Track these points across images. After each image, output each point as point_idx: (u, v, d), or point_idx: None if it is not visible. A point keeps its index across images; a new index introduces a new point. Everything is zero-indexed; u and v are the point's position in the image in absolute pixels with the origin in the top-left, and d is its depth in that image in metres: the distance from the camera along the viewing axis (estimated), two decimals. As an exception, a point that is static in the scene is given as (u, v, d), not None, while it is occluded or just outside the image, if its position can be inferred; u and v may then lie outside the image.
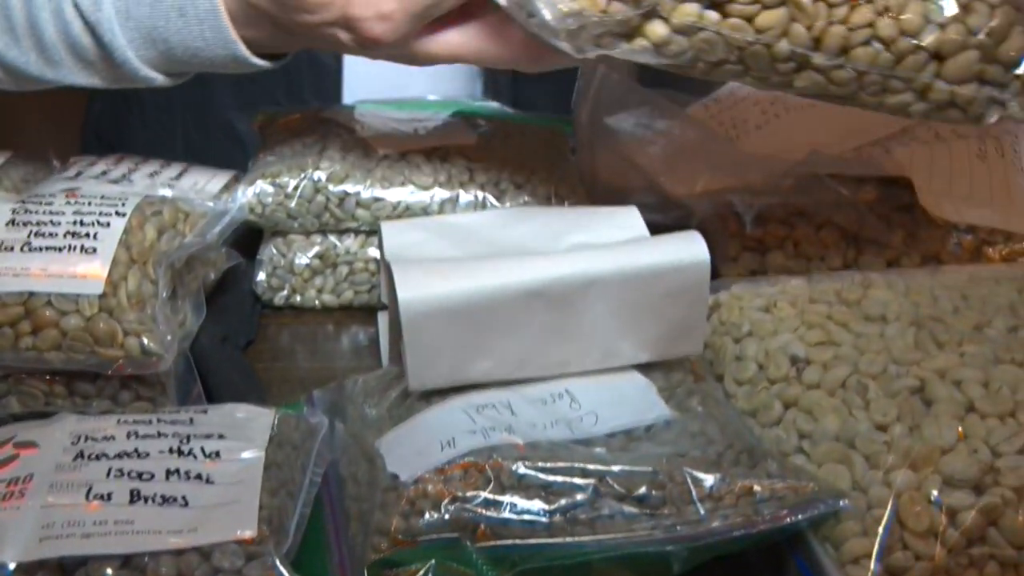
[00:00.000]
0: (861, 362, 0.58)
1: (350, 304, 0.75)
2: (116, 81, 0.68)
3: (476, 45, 0.61)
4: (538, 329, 0.56)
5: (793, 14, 0.54)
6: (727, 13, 0.54)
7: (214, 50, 0.64)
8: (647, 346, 0.58)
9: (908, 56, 0.55)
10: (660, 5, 0.54)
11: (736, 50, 0.55)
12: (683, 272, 0.56)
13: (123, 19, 0.64)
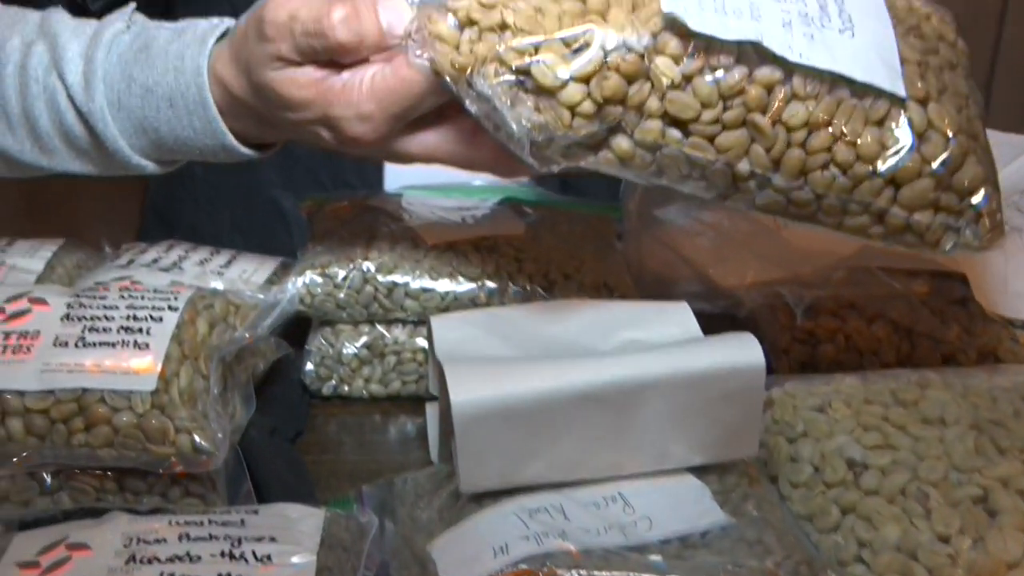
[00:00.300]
0: (921, 468, 0.57)
1: (398, 394, 0.75)
2: (109, 169, 0.70)
3: (451, 148, 0.62)
4: (591, 432, 0.56)
5: (753, 136, 0.55)
6: (689, 132, 0.55)
7: (203, 140, 0.66)
8: (701, 449, 0.57)
9: (865, 182, 0.56)
10: (624, 121, 0.55)
11: (699, 167, 0.56)
12: (738, 375, 0.56)
13: (115, 109, 0.66)
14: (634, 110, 0.55)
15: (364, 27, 0.59)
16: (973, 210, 0.57)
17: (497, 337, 0.64)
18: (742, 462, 0.60)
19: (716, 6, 0.55)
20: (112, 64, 0.66)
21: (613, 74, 0.54)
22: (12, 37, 0.68)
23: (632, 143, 0.56)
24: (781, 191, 0.57)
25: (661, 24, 0.54)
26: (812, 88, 0.55)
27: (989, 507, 0.54)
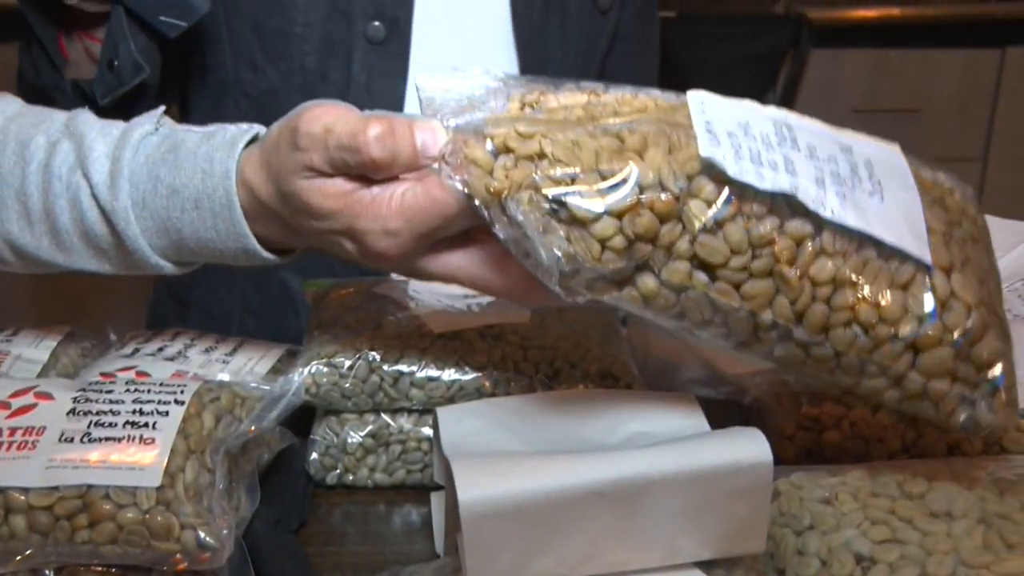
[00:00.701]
0: (929, 563, 0.57)
1: (403, 483, 0.75)
2: (125, 268, 0.70)
3: (476, 271, 0.62)
4: (600, 527, 0.55)
5: (779, 287, 0.56)
6: (716, 277, 0.56)
7: (226, 242, 0.66)
8: (708, 544, 0.57)
9: (885, 344, 0.56)
10: (653, 260, 0.55)
11: (722, 313, 0.56)
12: (745, 472, 0.55)
13: (139, 208, 0.66)
14: (664, 250, 0.55)
15: (399, 146, 0.59)
16: (990, 385, 0.56)
17: (503, 429, 0.64)
18: (749, 557, 0.60)
19: (752, 156, 0.55)
20: (139, 164, 0.67)
21: (647, 212, 0.54)
22: (37, 136, 0.69)
23: (658, 282, 0.56)
24: (802, 345, 0.57)
25: (698, 168, 0.55)
26: (840, 245, 0.56)
27: (999, 604, 0.54)
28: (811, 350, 0.57)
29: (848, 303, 0.55)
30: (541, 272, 0.55)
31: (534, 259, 0.55)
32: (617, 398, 0.67)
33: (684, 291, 0.56)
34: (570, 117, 0.59)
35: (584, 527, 0.55)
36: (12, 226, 0.69)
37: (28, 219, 0.68)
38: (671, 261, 0.55)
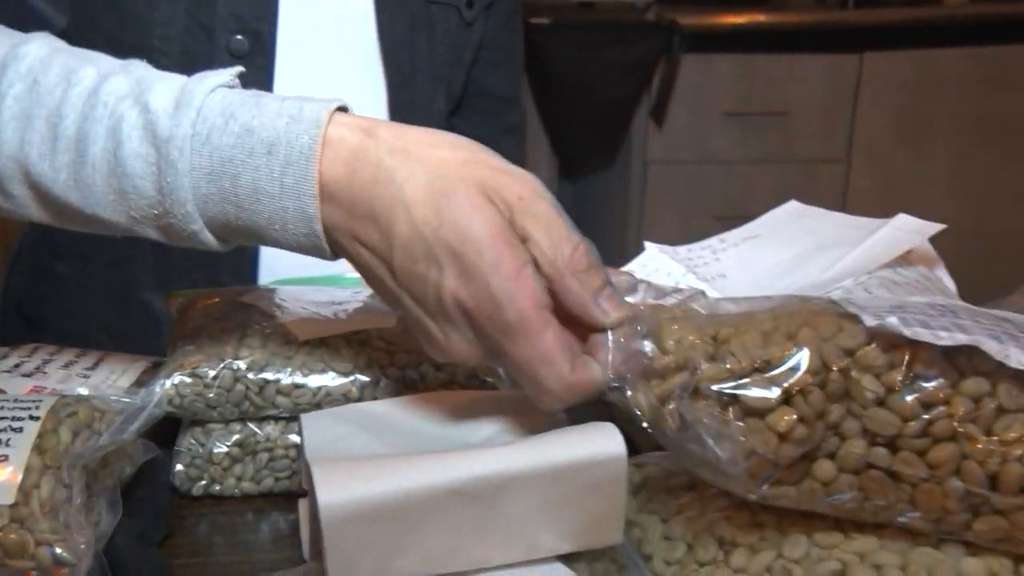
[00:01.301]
0: (785, 545, 0.59)
1: (271, 491, 0.74)
2: (144, 217, 0.62)
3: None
4: (460, 526, 0.56)
5: (964, 449, 0.54)
6: (896, 448, 0.55)
7: (282, 201, 0.59)
8: (568, 538, 0.58)
9: None
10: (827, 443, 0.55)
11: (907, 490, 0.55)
12: (600, 466, 0.57)
13: (200, 142, 0.59)
14: (835, 430, 0.55)
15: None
16: None
17: (368, 433, 0.64)
18: (611, 548, 0.61)
19: (920, 322, 0.55)
20: (214, 100, 0.60)
21: (817, 392, 0.54)
22: (87, 65, 0.62)
23: (836, 467, 0.56)
24: (1002, 513, 0.55)
25: (862, 340, 0.55)
26: (1021, 400, 0.54)
27: (847, 582, 0.56)
28: (1014, 517, 0.54)
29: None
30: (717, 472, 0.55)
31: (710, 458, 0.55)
32: (480, 399, 0.67)
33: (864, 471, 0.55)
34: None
35: (444, 526, 0.55)
36: (33, 150, 0.61)
37: (54, 143, 0.61)
38: (846, 441, 0.55)
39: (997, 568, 0.56)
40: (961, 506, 0.54)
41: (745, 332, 0.57)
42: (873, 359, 0.55)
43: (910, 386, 0.54)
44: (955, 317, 0.56)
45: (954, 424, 0.54)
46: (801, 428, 0.54)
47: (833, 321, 0.57)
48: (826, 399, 0.54)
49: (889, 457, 0.54)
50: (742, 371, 0.55)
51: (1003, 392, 0.54)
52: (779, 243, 0.91)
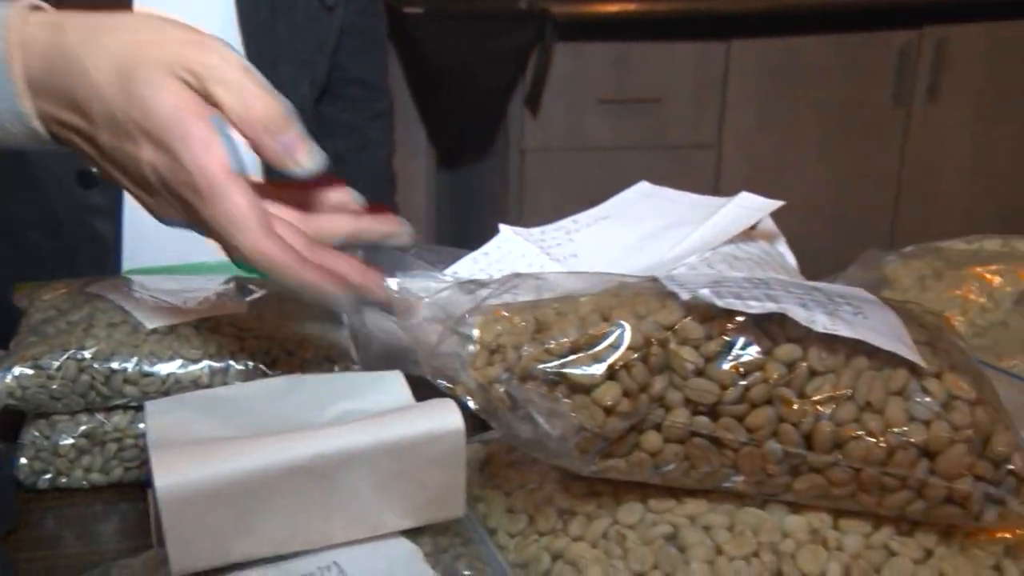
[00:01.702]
0: (620, 512, 0.61)
1: (120, 481, 0.73)
2: None
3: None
4: (300, 505, 0.56)
5: (780, 412, 0.56)
6: (717, 415, 0.57)
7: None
8: (410, 514, 0.59)
9: (898, 451, 0.55)
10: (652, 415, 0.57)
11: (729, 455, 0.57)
12: (439, 441, 0.58)
13: None
14: (660, 402, 0.57)
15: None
16: (1013, 477, 0.56)
17: (213, 418, 0.64)
18: (456, 522, 0.62)
19: (734, 294, 0.57)
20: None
21: (640, 366, 0.56)
22: None
23: (661, 437, 0.57)
24: (818, 470, 0.57)
25: (680, 314, 0.57)
26: (830, 363, 0.57)
27: (679, 543, 0.58)
28: (829, 474, 0.57)
29: (852, 415, 0.56)
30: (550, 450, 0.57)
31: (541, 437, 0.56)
32: (327, 380, 0.68)
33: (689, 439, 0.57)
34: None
35: (285, 505, 0.56)
36: None
37: None
38: (670, 412, 0.57)
39: (818, 524, 0.58)
40: (781, 467, 0.57)
41: (568, 314, 0.59)
42: (690, 332, 0.57)
43: (726, 355, 0.57)
44: (767, 288, 0.59)
45: (769, 389, 0.56)
46: (626, 401, 0.56)
47: (653, 298, 0.59)
48: (649, 372, 0.57)
49: (711, 424, 0.57)
50: (566, 350, 0.57)
51: (813, 356, 0.57)
52: (629, 223, 0.93)
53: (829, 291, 0.61)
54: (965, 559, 0.58)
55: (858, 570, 0.56)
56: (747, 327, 0.57)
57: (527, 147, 2.62)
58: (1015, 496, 0.56)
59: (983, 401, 0.57)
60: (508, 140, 2.62)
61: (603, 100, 2.60)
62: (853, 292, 0.63)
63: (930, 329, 0.62)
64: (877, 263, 0.96)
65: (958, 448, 0.55)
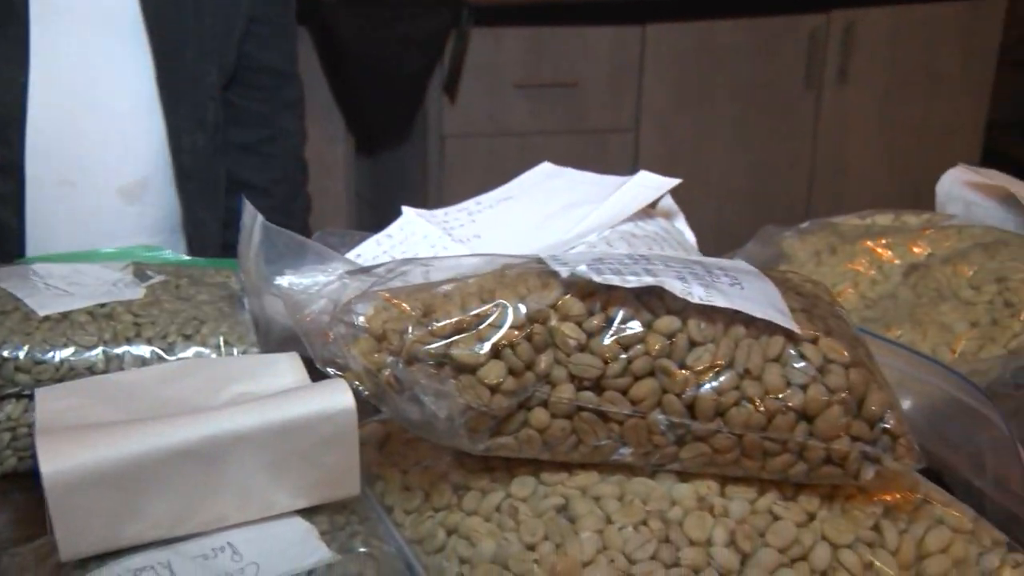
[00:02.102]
0: (513, 485, 0.62)
1: (15, 471, 0.72)
2: None
3: None
4: (191, 488, 0.56)
5: (663, 383, 0.57)
6: (602, 389, 0.58)
7: None
8: (303, 493, 0.59)
9: (778, 416, 0.57)
10: (539, 392, 0.58)
11: (616, 428, 0.58)
12: (330, 421, 0.58)
13: None
14: (545, 379, 0.57)
15: None
16: (887, 435, 0.58)
17: (105, 404, 0.63)
18: (353, 501, 0.62)
19: (613, 270, 0.58)
20: None
21: (524, 344, 0.57)
22: None
23: (548, 413, 0.58)
24: (701, 438, 0.58)
25: (561, 291, 0.58)
26: (709, 332, 0.58)
27: (570, 514, 0.59)
28: (713, 442, 0.58)
29: (732, 383, 0.57)
30: (440, 431, 0.57)
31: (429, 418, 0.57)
32: (222, 364, 0.68)
33: (576, 414, 0.58)
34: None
35: (174, 488, 0.56)
36: None
37: None
38: (555, 388, 0.58)
39: (705, 491, 0.60)
40: (666, 437, 0.58)
41: (453, 296, 0.59)
42: (571, 308, 0.58)
43: (608, 330, 0.58)
44: (647, 264, 0.60)
45: (651, 361, 0.57)
46: (511, 380, 0.57)
47: (536, 278, 0.60)
48: (533, 350, 0.58)
49: (596, 398, 0.58)
50: (450, 332, 0.58)
51: (692, 327, 0.58)
52: (532, 203, 0.94)
53: (709, 264, 0.63)
54: (846, 521, 0.60)
55: (743, 535, 0.57)
56: (627, 301, 0.58)
57: (446, 133, 2.62)
58: (890, 453, 0.58)
59: (857, 363, 0.59)
60: (427, 126, 2.62)
61: (520, 85, 2.61)
62: (733, 264, 0.64)
63: (807, 297, 0.63)
64: (775, 239, 0.97)
65: (834, 410, 0.57)
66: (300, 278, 0.68)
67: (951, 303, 0.83)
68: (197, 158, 1.21)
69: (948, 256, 0.88)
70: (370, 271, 0.66)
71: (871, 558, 0.58)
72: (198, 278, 0.82)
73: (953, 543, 0.60)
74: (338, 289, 0.64)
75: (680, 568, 0.56)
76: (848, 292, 0.89)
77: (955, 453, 0.70)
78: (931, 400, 0.71)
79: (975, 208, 0.97)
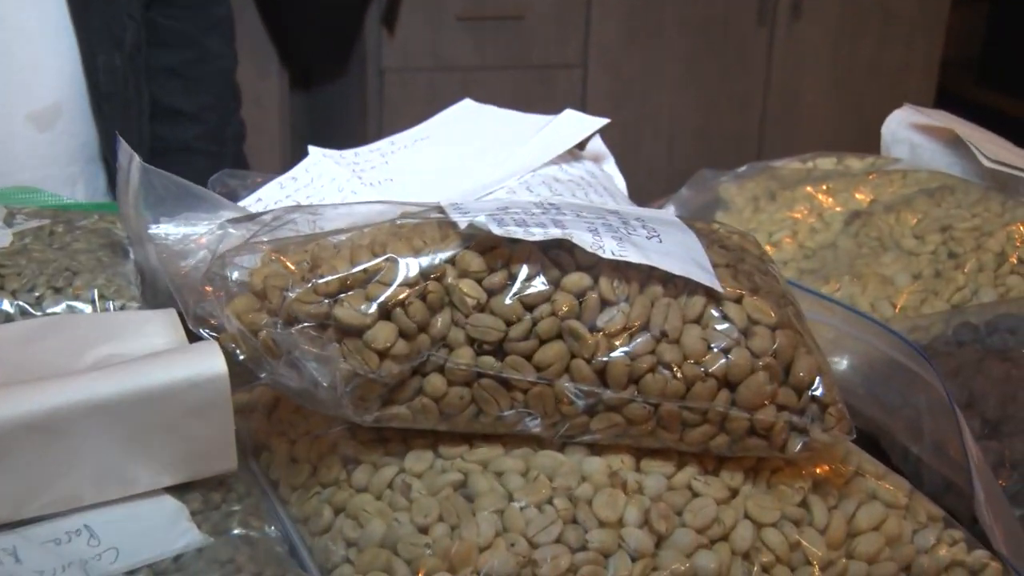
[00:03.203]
0: (408, 459, 0.56)
1: None
2: None
3: None
4: (40, 464, 0.50)
5: (571, 347, 0.52)
6: (504, 353, 0.52)
7: None
8: (169, 470, 0.53)
9: (697, 382, 0.52)
10: (435, 357, 0.53)
11: (520, 397, 0.53)
12: (200, 388, 0.52)
13: None
14: (442, 342, 0.52)
15: None
16: (816, 404, 0.53)
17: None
18: (232, 476, 0.56)
19: (517, 221, 0.52)
20: None
21: (417, 303, 0.51)
22: None
23: (445, 380, 0.52)
24: (614, 408, 0.53)
25: (459, 243, 0.52)
26: (623, 291, 0.53)
27: (468, 492, 0.54)
28: (626, 411, 0.53)
29: (648, 347, 0.52)
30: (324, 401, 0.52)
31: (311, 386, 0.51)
32: (91, 321, 0.62)
33: (475, 381, 0.52)
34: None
35: (21, 464, 0.50)
36: None
37: None
38: (453, 352, 0.52)
39: (618, 465, 0.55)
40: (575, 406, 0.53)
41: (342, 249, 0.54)
42: (470, 264, 0.52)
43: (511, 288, 0.52)
44: (557, 213, 0.55)
45: (558, 322, 0.52)
46: (403, 343, 0.52)
47: (435, 229, 0.54)
48: (427, 310, 0.52)
49: (497, 364, 0.53)
50: (334, 290, 0.52)
51: (604, 285, 0.53)
52: (450, 144, 0.88)
53: (626, 214, 0.57)
54: (772, 497, 0.55)
55: (658, 514, 0.53)
56: (533, 256, 0.53)
57: (385, 67, 2.53)
58: (819, 424, 0.54)
59: (785, 324, 0.54)
60: (365, 59, 2.53)
61: (463, 18, 2.52)
62: (654, 215, 0.59)
63: (733, 250, 0.58)
64: (711, 184, 0.92)
65: (759, 376, 0.53)
66: (178, 226, 0.62)
67: (893, 254, 0.79)
68: (114, 80, 1.14)
69: (892, 203, 0.84)
70: (255, 218, 0.60)
71: (798, 537, 0.54)
72: (77, 224, 0.75)
73: (887, 520, 0.56)
74: (217, 239, 0.58)
75: (588, 552, 0.51)
76: (786, 242, 0.84)
77: (892, 417, 0.67)
78: (868, 360, 0.68)
79: (921, 151, 0.92)
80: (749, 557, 0.53)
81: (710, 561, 0.52)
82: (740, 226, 0.87)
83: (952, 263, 0.77)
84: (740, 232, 0.62)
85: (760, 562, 0.53)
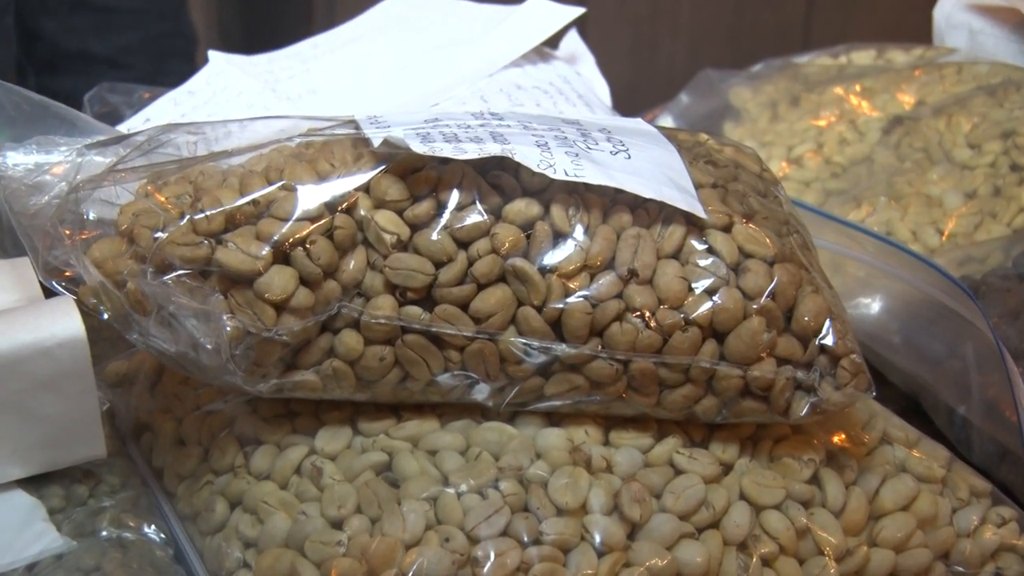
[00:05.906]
0: (320, 437, 0.56)
1: None
2: None
3: None
4: None
5: (517, 292, 0.52)
6: (434, 302, 0.52)
7: None
8: (20, 458, 0.54)
9: (676, 332, 0.51)
10: (347, 310, 0.52)
11: (454, 355, 0.53)
12: (52, 355, 0.52)
13: None
14: (356, 289, 0.51)
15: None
16: (826, 356, 0.53)
17: None
18: (102, 465, 0.57)
19: (447, 136, 0.52)
20: None
21: (322, 241, 0.50)
22: None
23: (361, 337, 0.52)
24: (573, 367, 0.53)
25: (373, 164, 0.52)
26: (583, 221, 0.52)
27: (393, 476, 0.54)
28: (588, 371, 0.53)
29: (614, 290, 0.51)
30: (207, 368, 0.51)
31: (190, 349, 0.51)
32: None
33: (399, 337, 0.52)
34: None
35: None
36: None
37: None
38: (370, 302, 0.51)
39: (581, 438, 0.55)
40: (526, 367, 0.53)
41: (228, 178, 0.53)
42: (387, 191, 0.52)
43: (439, 220, 0.52)
44: (499, 124, 0.54)
45: (501, 261, 0.52)
46: (305, 292, 0.51)
47: (347, 149, 0.54)
48: (336, 250, 0.52)
49: (426, 315, 0.52)
50: (218, 228, 0.51)
51: (557, 213, 0.53)
52: (387, 45, 0.88)
53: (588, 125, 0.57)
54: (774, 473, 0.56)
55: (631, 496, 0.53)
56: (467, 180, 0.52)
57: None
58: (831, 380, 0.54)
59: (787, 258, 0.54)
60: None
61: None
62: (624, 124, 0.59)
63: (724, 167, 0.58)
64: (717, 87, 0.92)
65: (753, 322, 0.52)
66: (28, 154, 0.61)
67: (942, 168, 0.79)
68: None
69: (942, 105, 0.84)
70: (124, 140, 0.59)
71: (807, 521, 0.54)
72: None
73: (918, 497, 0.56)
74: (75, 167, 0.58)
75: (542, 547, 0.51)
76: (809, 157, 0.84)
77: (935, 372, 0.67)
78: (906, 302, 0.68)
79: (982, 38, 0.92)
80: (746, 547, 0.53)
81: (696, 554, 0.52)
82: (754, 140, 0.87)
83: (1015, 177, 0.77)
84: (735, 144, 0.61)
85: (760, 553, 0.53)
